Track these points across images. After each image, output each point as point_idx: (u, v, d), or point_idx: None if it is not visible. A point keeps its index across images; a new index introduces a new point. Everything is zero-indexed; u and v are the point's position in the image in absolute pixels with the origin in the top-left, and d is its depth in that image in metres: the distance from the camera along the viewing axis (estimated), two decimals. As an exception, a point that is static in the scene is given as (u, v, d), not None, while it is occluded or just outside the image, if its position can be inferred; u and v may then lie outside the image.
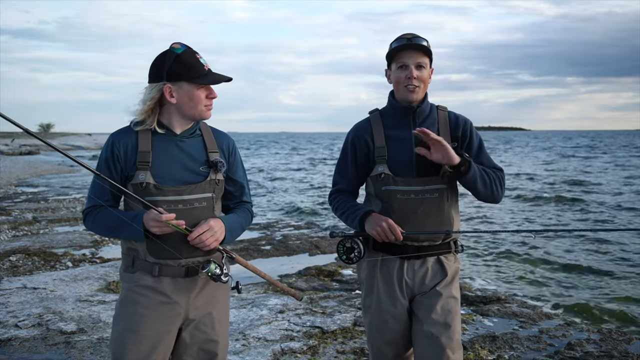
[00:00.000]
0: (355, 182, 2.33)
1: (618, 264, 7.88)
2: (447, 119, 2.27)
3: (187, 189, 2.00)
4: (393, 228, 2.11)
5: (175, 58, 1.94)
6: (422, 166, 2.18)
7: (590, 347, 3.86)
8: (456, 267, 2.29)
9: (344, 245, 2.24)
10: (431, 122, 2.25)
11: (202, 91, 1.98)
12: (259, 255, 7.61)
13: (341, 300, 4.94)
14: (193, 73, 1.94)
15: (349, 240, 2.23)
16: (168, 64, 1.94)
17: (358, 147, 2.27)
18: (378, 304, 2.25)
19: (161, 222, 1.86)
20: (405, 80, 2.17)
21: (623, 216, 12.39)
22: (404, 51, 2.17)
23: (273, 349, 3.73)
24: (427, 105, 2.26)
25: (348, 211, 2.26)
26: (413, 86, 2.16)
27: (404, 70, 2.17)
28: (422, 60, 2.18)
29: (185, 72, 1.94)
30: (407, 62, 2.16)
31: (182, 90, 1.96)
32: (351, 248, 2.22)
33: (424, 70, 2.18)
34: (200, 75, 1.95)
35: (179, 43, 1.97)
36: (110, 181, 1.93)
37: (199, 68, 1.96)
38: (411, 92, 2.17)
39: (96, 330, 4.13)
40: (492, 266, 7.83)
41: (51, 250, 7.44)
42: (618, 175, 22.78)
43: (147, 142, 1.99)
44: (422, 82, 2.18)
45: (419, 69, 2.17)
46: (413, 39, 2.17)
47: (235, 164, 2.18)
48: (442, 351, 2.12)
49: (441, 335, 2.14)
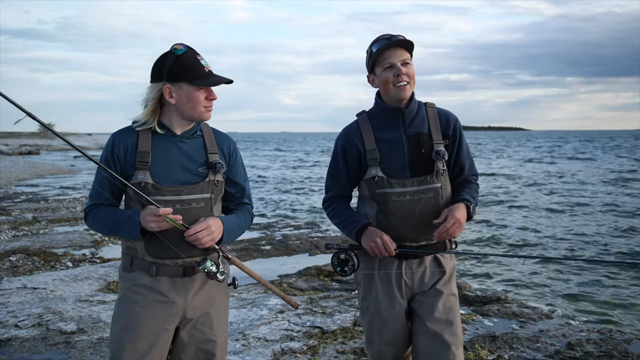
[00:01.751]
0: (348, 187, 2.32)
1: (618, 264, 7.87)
2: (436, 116, 2.26)
3: (186, 189, 2.01)
4: (387, 244, 2.12)
5: (176, 59, 1.94)
6: (416, 166, 2.18)
7: (590, 347, 3.86)
8: (453, 264, 2.30)
9: (338, 257, 2.25)
10: (420, 120, 2.24)
11: (201, 92, 1.98)
12: (259, 255, 7.61)
13: (341, 300, 4.94)
14: (193, 74, 1.95)
15: (343, 252, 2.24)
16: (168, 65, 1.95)
17: (348, 152, 2.25)
18: (376, 306, 2.24)
19: (159, 217, 1.87)
20: (395, 79, 2.15)
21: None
22: (388, 51, 2.16)
23: (273, 349, 3.73)
24: (415, 104, 2.24)
25: (345, 222, 2.26)
26: (404, 82, 2.15)
27: (392, 70, 2.16)
28: (407, 57, 2.18)
29: (184, 73, 1.94)
30: (393, 61, 2.15)
31: (181, 91, 1.97)
32: (345, 260, 2.24)
33: (410, 67, 2.18)
34: (199, 77, 1.96)
35: (181, 44, 1.98)
36: (111, 172, 1.94)
37: (199, 69, 1.96)
38: (402, 90, 2.16)
39: (96, 330, 4.13)
40: (492, 266, 7.82)
41: (51, 250, 7.44)
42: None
43: (147, 142, 2.00)
44: (411, 78, 2.18)
45: (405, 65, 2.16)
46: (393, 38, 2.17)
47: (235, 165, 2.18)
48: (447, 348, 2.13)
49: (445, 333, 2.15)
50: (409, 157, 2.18)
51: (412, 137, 2.20)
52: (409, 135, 2.20)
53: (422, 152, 2.19)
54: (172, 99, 1.98)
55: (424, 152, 2.19)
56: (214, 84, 1.99)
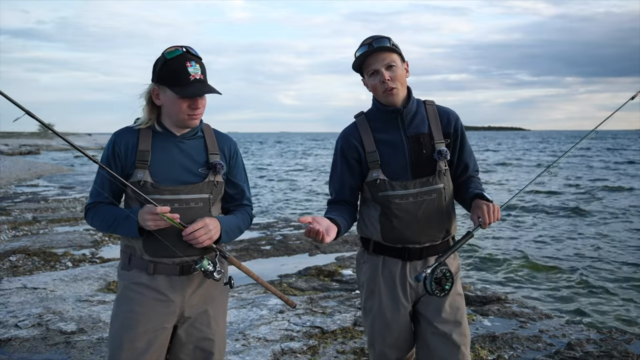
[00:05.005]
0: (348, 191, 2.24)
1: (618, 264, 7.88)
2: (436, 114, 2.23)
3: (185, 189, 2.01)
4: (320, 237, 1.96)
5: (164, 62, 1.94)
6: (418, 167, 2.15)
7: (590, 347, 3.86)
8: (457, 264, 2.27)
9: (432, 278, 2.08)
10: (420, 120, 2.20)
11: (184, 101, 1.95)
12: (259, 255, 7.60)
13: (341, 300, 4.94)
14: (174, 81, 1.92)
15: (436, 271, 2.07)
16: (158, 67, 1.97)
17: (348, 155, 2.21)
18: (380, 308, 2.21)
19: (156, 215, 1.87)
20: (381, 86, 2.11)
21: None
22: (370, 57, 2.11)
23: (273, 349, 3.73)
24: (414, 104, 2.20)
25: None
26: (390, 88, 2.10)
27: (376, 76, 2.12)
28: (391, 60, 2.11)
29: (168, 78, 1.93)
30: (376, 67, 2.10)
31: (165, 96, 1.98)
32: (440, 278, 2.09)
33: (397, 69, 2.11)
34: (179, 85, 1.92)
35: (176, 47, 1.96)
36: (111, 171, 1.95)
37: (182, 77, 1.92)
38: (390, 95, 2.11)
39: (96, 330, 4.13)
40: (493, 266, 7.82)
41: (51, 250, 7.43)
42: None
43: (147, 142, 2.01)
44: (398, 81, 2.12)
45: (390, 69, 2.11)
46: (374, 42, 2.11)
47: (236, 167, 2.18)
48: (457, 349, 2.12)
49: (453, 333, 2.14)
50: (410, 158, 2.15)
51: (413, 137, 2.16)
52: (409, 136, 2.17)
53: (423, 153, 2.16)
54: (158, 100, 2.00)
55: (425, 152, 2.16)
56: (190, 95, 1.93)
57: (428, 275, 2.02)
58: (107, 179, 2.01)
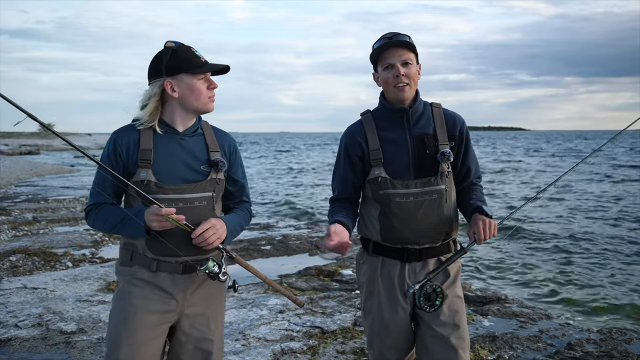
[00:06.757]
0: (351, 188, 2.25)
1: (618, 264, 7.88)
2: (442, 117, 2.23)
3: (188, 187, 2.01)
4: (339, 248, 2.01)
5: (172, 53, 1.97)
6: (420, 167, 2.15)
7: (590, 347, 3.86)
8: (457, 266, 2.26)
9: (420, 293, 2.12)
10: (426, 120, 2.20)
11: (202, 82, 2.01)
12: (259, 255, 7.60)
13: (341, 300, 4.94)
14: (191, 64, 1.98)
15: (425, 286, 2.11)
16: (165, 60, 1.97)
17: (352, 152, 2.21)
18: (379, 309, 2.21)
19: (161, 217, 1.86)
20: (394, 80, 2.12)
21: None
22: (388, 50, 2.12)
23: (273, 349, 3.73)
24: (420, 104, 2.21)
25: (329, 221, 2.18)
26: (403, 84, 2.11)
27: (391, 70, 2.12)
28: (408, 57, 2.13)
29: (183, 64, 1.97)
30: (392, 61, 2.12)
31: (182, 84, 1.99)
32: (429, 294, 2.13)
33: (411, 67, 2.13)
34: (198, 66, 1.99)
35: (172, 41, 2.01)
36: (112, 171, 1.94)
37: (195, 60, 2.00)
38: (401, 91, 2.12)
39: (96, 330, 4.13)
40: (492, 266, 7.82)
41: (51, 250, 7.43)
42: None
43: (149, 140, 2.00)
44: (411, 78, 2.13)
45: (406, 66, 2.12)
46: (394, 37, 2.12)
47: (235, 163, 2.19)
48: (455, 352, 2.11)
49: (451, 336, 2.12)
50: (413, 157, 2.14)
51: (417, 137, 2.16)
52: (414, 136, 2.16)
53: (426, 153, 2.15)
54: (174, 93, 1.99)
55: (428, 153, 2.15)
56: (213, 69, 2.02)
57: (416, 291, 2.07)
58: (107, 178, 1.99)
